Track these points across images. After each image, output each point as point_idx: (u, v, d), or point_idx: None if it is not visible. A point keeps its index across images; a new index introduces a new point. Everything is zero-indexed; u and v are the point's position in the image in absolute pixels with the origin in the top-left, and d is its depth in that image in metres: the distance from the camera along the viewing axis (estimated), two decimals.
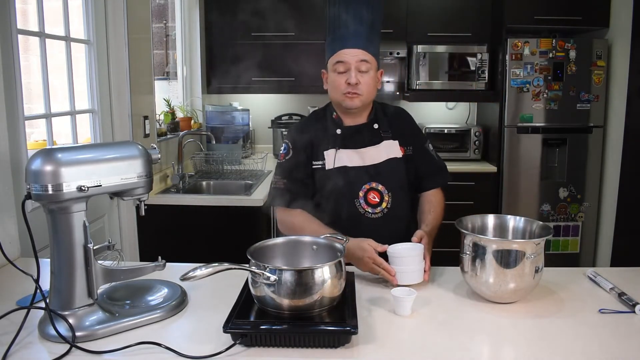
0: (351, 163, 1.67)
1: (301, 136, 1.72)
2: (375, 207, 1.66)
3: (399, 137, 1.73)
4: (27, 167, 1.11)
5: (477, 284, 1.33)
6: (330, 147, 1.68)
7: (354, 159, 1.67)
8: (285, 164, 1.70)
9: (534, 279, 1.29)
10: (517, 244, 1.29)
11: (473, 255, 1.31)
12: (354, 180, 1.66)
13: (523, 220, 1.45)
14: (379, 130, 1.72)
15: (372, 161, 1.68)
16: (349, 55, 1.62)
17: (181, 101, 3.77)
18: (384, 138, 1.71)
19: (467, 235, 1.34)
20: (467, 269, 1.34)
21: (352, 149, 1.68)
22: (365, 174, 1.67)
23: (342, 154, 1.67)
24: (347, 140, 1.69)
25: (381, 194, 1.66)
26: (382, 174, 1.67)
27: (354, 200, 1.65)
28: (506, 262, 1.27)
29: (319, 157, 1.68)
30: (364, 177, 1.66)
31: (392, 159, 1.70)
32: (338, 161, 1.66)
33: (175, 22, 3.79)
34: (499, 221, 1.48)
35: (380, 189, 1.66)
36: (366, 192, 1.66)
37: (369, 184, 1.66)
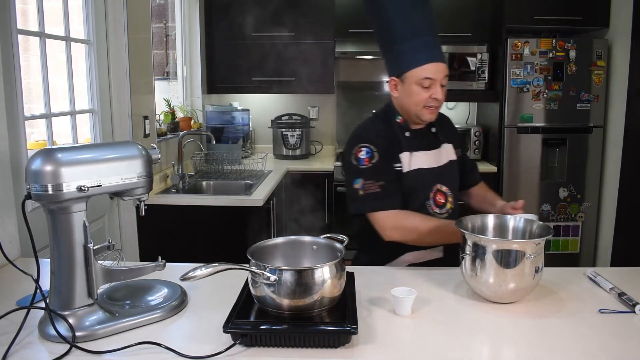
0: (424, 165, 1.70)
1: (380, 139, 1.67)
2: (442, 208, 1.70)
3: (452, 141, 1.80)
4: (27, 167, 1.11)
5: (477, 284, 1.33)
6: (404, 149, 1.69)
7: (426, 161, 1.71)
8: (373, 167, 1.63)
9: (534, 279, 1.29)
10: (517, 244, 1.29)
11: (473, 255, 1.31)
12: (426, 182, 1.70)
13: (523, 220, 1.46)
14: (436, 134, 1.76)
15: (438, 163, 1.73)
16: (437, 70, 1.62)
17: (181, 101, 3.77)
18: (441, 141, 1.76)
19: (468, 235, 1.34)
20: (467, 269, 1.34)
21: (422, 151, 1.71)
22: (433, 175, 1.71)
23: (416, 156, 1.69)
24: (415, 143, 1.71)
25: (445, 195, 1.72)
26: (445, 176, 1.73)
27: (425, 201, 1.69)
28: (506, 262, 1.27)
29: (397, 159, 1.68)
30: (433, 179, 1.70)
31: (452, 162, 1.76)
32: (414, 164, 1.69)
33: (175, 22, 3.79)
34: (499, 221, 1.48)
35: (444, 190, 1.71)
36: (435, 194, 1.70)
37: (437, 185, 1.71)
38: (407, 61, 1.64)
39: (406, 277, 1.50)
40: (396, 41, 1.65)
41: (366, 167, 1.63)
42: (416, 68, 1.62)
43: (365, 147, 1.65)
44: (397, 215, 1.60)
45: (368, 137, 1.68)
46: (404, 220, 1.61)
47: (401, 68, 1.66)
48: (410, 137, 1.71)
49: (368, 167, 1.63)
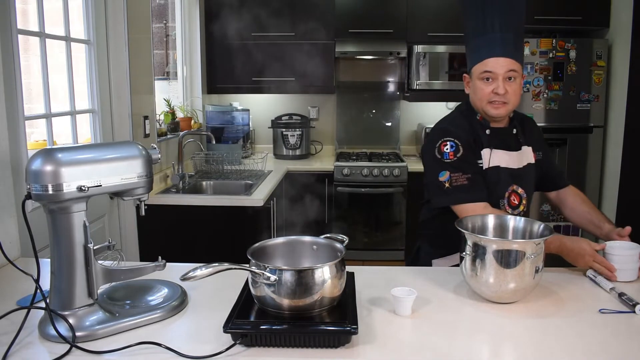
0: (502, 164, 1.70)
1: (464, 133, 1.69)
2: (515, 209, 1.70)
3: (532, 144, 1.77)
4: (27, 167, 1.11)
5: (477, 284, 1.33)
6: (485, 146, 1.69)
7: (504, 160, 1.70)
8: (459, 160, 1.64)
9: (534, 279, 1.29)
10: (517, 244, 1.29)
11: (473, 255, 1.31)
12: (503, 181, 1.69)
13: (523, 220, 1.46)
14: (517, 135, 1.75)
15: (516, 164, 1.72)
16: (497, 65, 1.62)
17: (181, 101, 3.77)
18: (522, 143, 1.74)
19: (468, 235, 1.34)
20: (467, 269, 1.34)
21: (503, 151, 1.71)
22: (510, 176, 1.70)
23: (495, 154, 1.69)
24: (495, 141, 1.71)
25: (520, 197, 1.71)
26: (522, 179, 1.72)
27: (500, 200, 1.69)
28: (506, 262, 1.27)
29: (479, 155, 1.70)
30: (509, 179, 1.70)
31: (530, 165, 1.75)
32: (492, 161, 1.69)
33: (175, 22, 3.79)
34: (499, 221, 1.48)
35: (519, 192, 1.71)
36: (510, 194, 1.70)
37: (513, 186, 1.70)
38: (472, 57, 1.68)
39: (406, 277, 1.50)
40: (469, 38, 1.69)
41: (452, 160, 1.64)
42: (478, 63, 1.65)
43: (450, 141, 1.66)
44: (486, 209, 1.60)
45: (452, 132, 1.69)
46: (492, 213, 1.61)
47: (469, 64, 1.70)
48: (490, 134, 1.71)
49: (454, 161, 1.64)
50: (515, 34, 1.64)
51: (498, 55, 1.62)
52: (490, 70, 1.62)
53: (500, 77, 1.62)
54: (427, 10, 3.85)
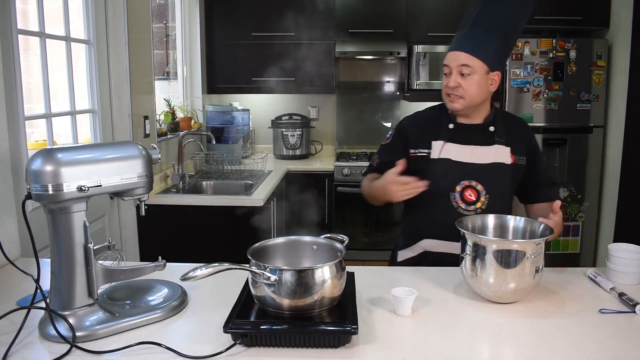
0: (455, 157, 1.69)
1: (408, 124, 1.84)
2: (470, 205, 1.68)
3: (512, 145, 1.72)
4: (28, 167, 1.11)
5: (477, 284, 1.33)
6: (440, 138, 1.71)
7: (460, 154, 1.70)
8: (383, 146, 1.86)
9: (534, 279, 1.29)
10: (518, 244, 1.29)
11: (473, 255, 1.31)
12: (453, 174, 1.68)
13: (523, 220, 1.46)
14: (493, 133, 1.73)
15: (477, 160, 1.70)
16: (451, 58, 1.68)
17: (181, 101, 3.77)
18: (496, 142, 1.72)
19: (468, 235, 1.34)
20: (467, 269, 1.34)
21: (460, 144, 1.71)
22: (466, 170, 1.69)
23: (450, 147, 1.70)
24: (458, 135, 1.72)
25: (479, 194, 1.68)
26: (484, 175, 1.69)
27: (450, 193, 1.68)
28: (506, 262, 1.27)
29: (427, 145, 1.72)
30: (464, 174, 1.68)
31: (500, 164, 1.70)
32: (444, 153, 1.69)
33: (175, 22, 3.79)
34: (499, 221, 1.48)
35: (478, 188, 1.68)
36: (464, 188, 1.68)
37: (469, 181, 1.68)
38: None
39: (406, 277, 1.50)
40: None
41: (381, 144, 1.88)
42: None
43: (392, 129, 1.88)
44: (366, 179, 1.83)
45: (404, 121, 1.88)
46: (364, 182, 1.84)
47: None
48: (454, 129, 1.72)
49: (381, 145, 1.87)
50: (485, 32, 1.64)
51: (455, 49, 1.67)
52: (446, 64, 1.69)
53: (453, 70, 1.66)
54: (427, 10, 3.85)
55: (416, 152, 1.75)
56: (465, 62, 1.64)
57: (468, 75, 1.65)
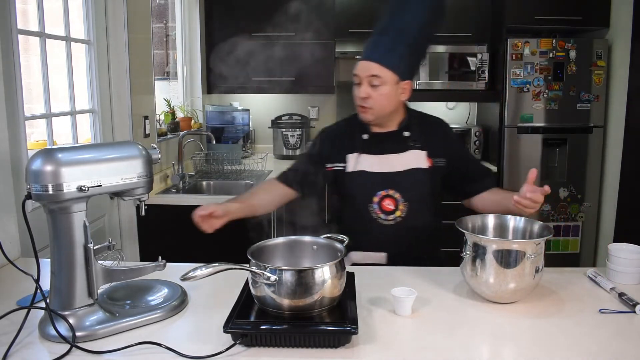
0: (370, 168, 1.67)
1: (326, 137, 1.81)
2: (389, 215, 1.66)
3: (429, 149, 1.70)
4: (28, 167, 1.11)
5: (477, 284, 1.33)
6: (355, 151, 1.70)
7: (374, 165, 1.68)
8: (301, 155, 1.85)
9: (534, 279, 1.29)
10: (518, 244, 1.29)
11: (473, 255, 1.31)
12: (370, 186, 1.67)
13: (523, 220, 1.46)
14: (408, 138, 1.71)
15: (392, 169, 1.68)
16: (360, 68, 1.64)
17: (181, 101, 3.77)
18: (410, 147, 1.70)
19: (468, 235, 1.34)
20: (467, 269, 1.34)
21: (374, 155, 1.69)
22: (383, 180, 1.67)
23: (363, 158, 1.69)
24: (372, 146, 1.70)
25: (397, 202, 1.66)
26: (400, 183, 1.66)
27: (368, 205, 1.66)
28: (506, 262, 1.27)
29: (342, 159, 1.71)
30: (380, 184, 1.67)
31: (416, 169, 1.68)
32: (359, 165, 1.68)
33: (175, 22, 3.79)
34: (499, 221, 1.48)
35: (396, 197, 1.66)
36: (381, 199, 1.66)
37: (386, 190, 1.66)
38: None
39: (406, 277, 1.50)
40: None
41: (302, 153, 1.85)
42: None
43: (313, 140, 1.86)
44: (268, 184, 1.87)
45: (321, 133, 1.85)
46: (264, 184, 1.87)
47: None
48: (367, 139, 1.71)
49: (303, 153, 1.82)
50: (393, 41, 1.61)
51: (365, 59, 1.64)
52: (356, 74, 1.66)
53: (363, 81, 1.63)
54: None
55: (332, 166, 1.73)
56: (375, 72, 1.61)
57: (378, 86, 1.62)
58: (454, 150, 1.76)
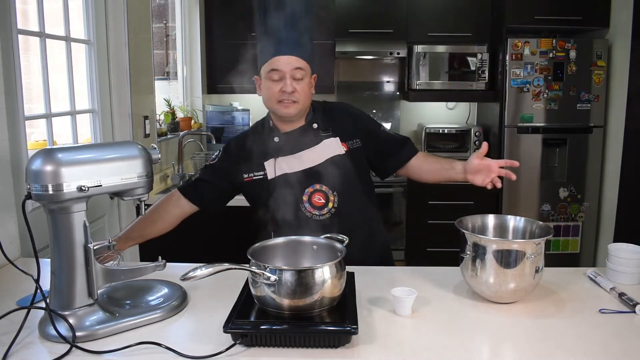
0: (291, 169, 1.65)
1: (234, 147, 1.74)
2: (322, 209, 1.65)
3: (340, 133, 1.70)
4: (28, 167, 1.11)
5: (477, 284, 1.33)
6: (270, 157, 1.67)
7: (294, 165, 1.66)
8: (207, 166, 1.76)
9: (534, 279, 1.29)
10: (518, 244, 1.29)
11: (473, 255, 1.31)
12: (296, 186, 1.64)
13: (523, 220, 1.46)
14: (318, 130, 1.70)
15: (311, 163, 1.66)
16: (283, 63, 1.59)
17: (181, 101, 3.77)
18: (323, 137, 1.68)
19: (468, 235, 1.34)
20: (467, 269, 1.34)
21: (290, 155, 1.67)
22: (306, 177, 1.65)
23: (281, 162, 1.66)
24: (285, 146, 1.68)
25: (326, 195, 1.65)
26: (323, 175, 1.65)
27: (299, 205, 1.64)
28: (506, 262, 1.27)
29: (260, 167, 1.67)
30: (305, 181, 1.65)
31: (334, 157, 1.67)
32: (279, 170, 1.66)
33: (175, 22, 3.79)
34: (499, 221, 1.48)
35: (324, 189, 1.65)
36: (310, 195, 1.65)
37: (312, 186, 1.65)
38: (260, 57, 1.65)
39: (406, 277, 1.50)
40: (261, 38, 1.65)
41: (207, 164, 1.78)
42: (266, 63, 1.62)
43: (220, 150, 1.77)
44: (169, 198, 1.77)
45: (227, 145, 1.77)
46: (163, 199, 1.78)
47: (258, 65, 1.67)
48: (279, 141, 1.68)
49: (207, 165, 1.77)
50: (301, 34, 1.61)
51: (283, 53, 1.59)
52: (276, 68, 1.59)
53: (287, 75, 1.60)
54: (427, 10, 3.85)
55: (251, 175, 1.69)
56: (299, 65, 1.60)
57: (300, 79, 1.61)
58: (364, 127, 1.76)
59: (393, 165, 1.76)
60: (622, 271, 1.44)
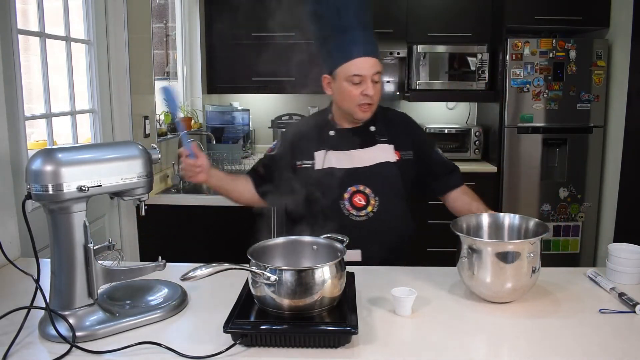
0: (339, 165, 1.66)
1: (292, 135, 1.76)
2: (361, 210, 1.65)
3: (396, 142, 1.70)
4: (28, 167, 1.11)
5: (475, 285, 1.33)
6: (322, 148, 1.68)
7: (343, 161, 1.66)
8: (268, 156, 1.78)
9: (532, 278, 1.29)
10: (513, 245, 1.29)
11: (470, 257, 1.31)
12: (340, 182, 1.64)
13: (518, 217, 1.46)
14: (374, 133, 1.70)
15: (361, 164, 1.66)
16: (365, 67, 1.58)
17: (181, 101, 3.77)
18: (378, 141, 1.69)
19: (463, 237, 1.34)
20: (464, 271, 1.34)
21: (342, 151, 1.67)
22: (352, 176, 1.65)
23: (331, 155, 1.67)
24: (339, 142, 1.68)
25: (367, 198, 1.65)
26: (370, 178, 1.65)
27: (339, 201, 1.65)
28: (503, 263, 1.27)
29: (310, 157, 1.69)
30: (350, 180, 1.65)
31: (384, 163, 1.67)
32: (327, 162, 1.66)
33: (175, 22, 3.79)
34: (494, 219, 1.48)
35: (367, 192, 1.65)
36: (352, 195, 1.65)
37: (356, 186, 1.65)
38: (336, 57, 1.62)
39: (406, 277, 1.50)
40: (328, 37, 1.63)
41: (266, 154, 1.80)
42: (345, 64, 1.59)
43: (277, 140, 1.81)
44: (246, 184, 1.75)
45: (285, 132, 1.83)
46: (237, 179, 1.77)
47: (331, 65, 1.64)
48: (334, 135, 1.69)
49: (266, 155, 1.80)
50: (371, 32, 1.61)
51: (366, 54, 1.58)
52: (360, 73, 1.58)
53: (368, 79, 1.58)
54: (427, 10, 3.84)
55: (301, 163, 1.70)
56: (378, 68, 1.60)
57: (377, 82, 1.61)
58: (420, 143, 1.76)
59: (437, 189, 1.77)
60: (622, 271, 1.44)
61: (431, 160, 1.76)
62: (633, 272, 1.44)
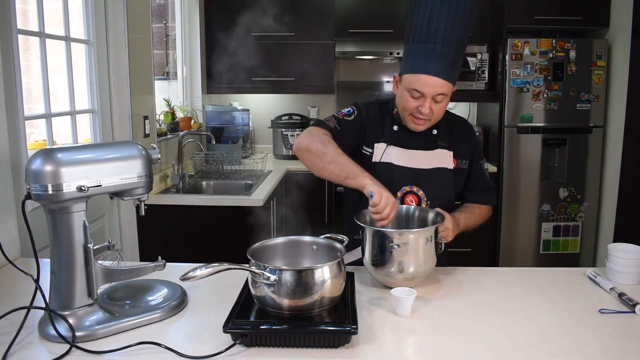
0: (398, 162, 1.64)
1: (366, 113, 1.69)
2: None
3: (456, 149, 1.68)
4: (27, 167, 1.11)
5: (379, 275, 1.40)
6: (383, 140, 1.65)
7: (402, 159, 1.64)
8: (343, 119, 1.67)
9: (433, 261, 1.41)
10: (414, 234, 1.39)
11: (374, 247, 1.39)
12: (395, 180, 1.62)
13: (419, 209, 1.57)
14: (436, 137, 1.67)
15: (419, 165, 1.64)
16: (428, 85, 1.51)
17: (181, 101, 3.77)
18: (439, 146, 1.66)
19: (367, 228, 1.40)
20: (367, 261, 1.41)
21: (403, 148, 1.65)
22: (408, 176, 1.64)
23: (391, 150, 1.64)
24: (401, 138, 1.66)
25: (420, 200, 1.63)
26: (425, 181, 1.64)
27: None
28: (404, 250, 1.35)
29: (370, 144, 1.66)
30: (406, 179, 1.64)
31: (442, 169, 1.65)
32: (385, 156, 1.64)
33: (175, 22, 3.79)
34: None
35: (420, 194, 1.64)
36: (405, 194, 1.64)
37: (410, 186, 1.64)
38: (407, 63, 1.58)
39: None
40: (409, 40, 1.58)
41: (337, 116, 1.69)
42: (410, 74, 1.55)
43: (352, 107, 1.71)
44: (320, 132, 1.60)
45: (361, 105, 1.72)
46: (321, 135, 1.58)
47: (402, 68, 1.61)
48: (397, 130, 1.66)
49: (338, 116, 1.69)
50: (455, 51, 1.53)
51: (431, 73, 1.51)
52: (417, 89, 1.52)
53: (428, 97, 1.53)
54: None
55: (362, 149, 1.68)
56: (442, 90, 1.52)
57: (440, 102, 1.55)
58: (475, 154, 1.74)
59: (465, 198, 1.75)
60: (622, 271, 1.44)
61: (474, 171, 1.74)
62: (633, 272, 1.44)
